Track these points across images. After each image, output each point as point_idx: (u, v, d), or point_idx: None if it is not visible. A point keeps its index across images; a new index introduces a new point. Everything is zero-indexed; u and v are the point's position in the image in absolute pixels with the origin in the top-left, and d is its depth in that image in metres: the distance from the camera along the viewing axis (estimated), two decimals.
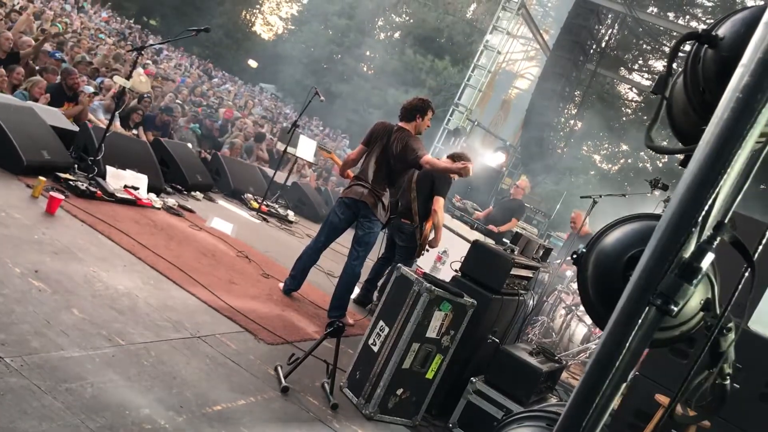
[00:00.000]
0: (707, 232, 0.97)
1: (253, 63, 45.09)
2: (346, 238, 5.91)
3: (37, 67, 8.53)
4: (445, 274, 5.35)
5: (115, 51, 14.08)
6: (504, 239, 6.10)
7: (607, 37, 23.55)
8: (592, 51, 22.36)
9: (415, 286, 4.12)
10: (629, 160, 29.48)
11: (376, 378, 4.13)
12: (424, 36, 39.92)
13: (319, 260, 5.82)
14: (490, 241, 9.01)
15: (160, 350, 3.64)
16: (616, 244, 1.30)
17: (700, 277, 0.96)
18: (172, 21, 36.79)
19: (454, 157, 6.11)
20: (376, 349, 4.20)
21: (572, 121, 28.09)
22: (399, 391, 4.18)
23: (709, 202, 0.95)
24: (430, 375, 4.27)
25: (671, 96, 1.47)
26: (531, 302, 5.53)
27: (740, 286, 1.08)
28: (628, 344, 0.99)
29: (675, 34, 20.60)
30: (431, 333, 4.17)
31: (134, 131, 8.89)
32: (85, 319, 3.55)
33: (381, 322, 4.26)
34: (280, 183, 10.43)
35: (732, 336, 1.10)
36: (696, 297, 1.13)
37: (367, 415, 4.08)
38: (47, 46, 10.27)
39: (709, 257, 0.97)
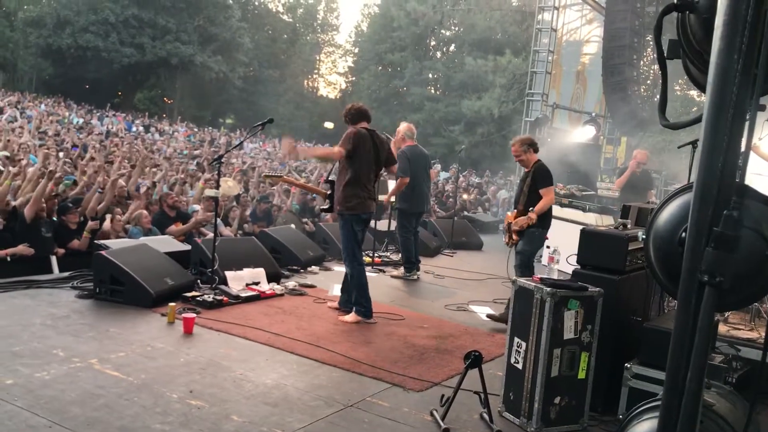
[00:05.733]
0: (732, 198, 0.98)
1: (329, 125, 46.41)
2: None
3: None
4: (564, 270, 5.27)
5: (204, 160, 15.04)
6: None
7: None
8: None
9: (536, 294, 4.11)
10: None
11: (530, 394, 4.12)
12: (478, 39, 39.81)
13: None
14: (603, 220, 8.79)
15: (319, 429, 3.82)
16: (667, 225, 1.31)
17: (737, 243, 0.98)
18: (244, 114, 38.67)
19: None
20: (520, 366, 4.20)
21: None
22: (557, 400, 4.15)
23: (721, 170, 0.97)
24: (581, 375, 4.22)
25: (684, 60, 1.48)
26: None
27: None
28: (693, 323, 1.01)
29: None
30: (568, 334, 4.13)
31: (240, 231, 9.39)
32: (245, 422, 3.79)
33: (516, 339, 4.26)
34: (385, 230, 10.63)
35: None
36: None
37: None
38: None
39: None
